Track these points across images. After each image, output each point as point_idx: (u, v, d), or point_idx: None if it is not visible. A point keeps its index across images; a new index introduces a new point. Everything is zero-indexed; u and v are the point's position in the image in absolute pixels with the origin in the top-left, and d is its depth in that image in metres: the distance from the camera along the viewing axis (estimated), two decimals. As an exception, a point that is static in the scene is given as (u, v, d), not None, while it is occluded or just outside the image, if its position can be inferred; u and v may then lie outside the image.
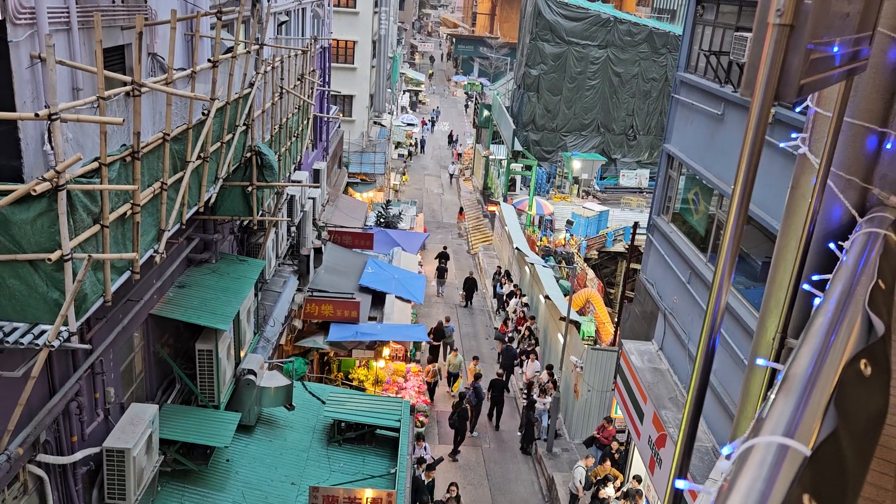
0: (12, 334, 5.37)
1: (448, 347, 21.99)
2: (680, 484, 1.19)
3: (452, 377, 20.12)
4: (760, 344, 2.35)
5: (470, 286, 27.14)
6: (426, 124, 60.21)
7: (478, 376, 19.04)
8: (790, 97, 1.28)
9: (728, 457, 1.02)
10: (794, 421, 1.02)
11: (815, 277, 2.23)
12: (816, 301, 1.96)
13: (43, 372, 6.52)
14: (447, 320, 23.14)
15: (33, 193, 5.11)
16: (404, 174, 44.34)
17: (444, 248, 30.28)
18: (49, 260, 5.23)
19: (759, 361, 2.08)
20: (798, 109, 2.40)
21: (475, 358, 20.79)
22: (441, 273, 28.08)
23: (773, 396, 1.13)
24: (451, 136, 56.48)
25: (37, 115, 5.08)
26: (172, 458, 9.32)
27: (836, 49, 1.63)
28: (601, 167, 40.07)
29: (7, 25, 5.64)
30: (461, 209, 38.73)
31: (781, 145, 2.91)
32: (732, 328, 10.17)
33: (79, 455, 7.12)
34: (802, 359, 1.26)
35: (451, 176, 45.20)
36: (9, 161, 5.90)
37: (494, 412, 19.23)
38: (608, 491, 13.66)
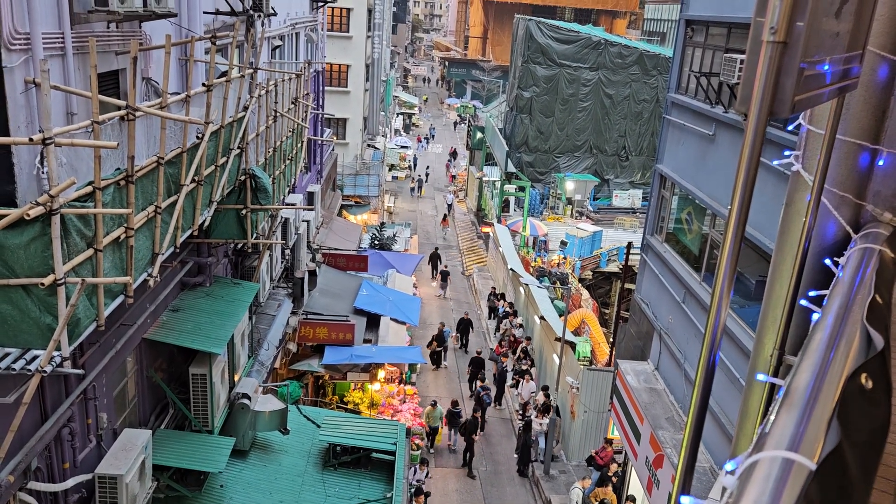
0: (4, 360, 5.33)
1: (446, 353, 23.56)
2: (685, 500, 1.18)
3: (433, 430, 18.50)
4: (758, 361, 2.34)
5: (465, 328, 25.27)
6: (421, 141, 60.81)
7: (485, 387, 20.40)
8: (784, 113, 1.29)
9: (732, 472, 1.01)
10: (797, 435, 1.02)
11: (811, 293, 2.24)
12: (814, 317, 1.96)
13: (35, 398, 6.45)
14: (442, 325, 24.47)
15: (27, 218, 5.09)
16: (422, 190, 47.77)
17: (436, 248, 33.21)
18: (42, 284, 5.20)
19: (760, 377, 2.07)
20: (790, 127, 2.42)
21: (480, 379, 21.60)
22: (444, 277, 30.48)
23: (775, 411, 1.12)
24: (453, 152, 56.81)
25: (31, 139, 5.08)
26: (166, 484, 9.19)
27: (827, 67, 1.64)
28: (594, 188, 40.28)
29: (1, 51, 5.66)
30: (444, 216, 40.63)
31: (775, 163, 2.94)
32: (728, 347, 10.17)
33: (71, 482, 7.02)
34: (803, 374, 1.25)
35: (449, 207, 42.31)
36: (2, 186, 5.88)
37: (467, 455, 18.19)
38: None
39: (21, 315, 5.38)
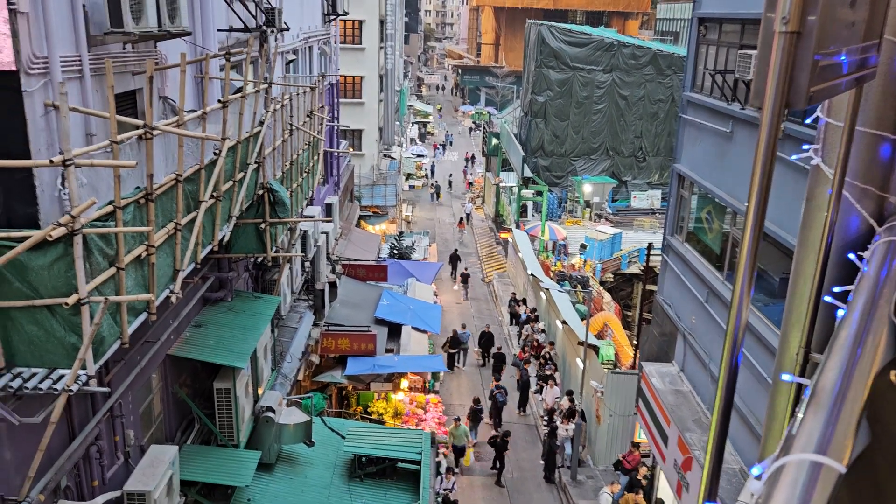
0: (31, 380, 5.39)
1: (464, 354, 23.89)
2: None
3: (458, 450, 17.99)
4: (784, 360, 2.29)
5: (487, 342, 24.51)
6: (438, 148, 61.17)
7: (499, 386, 20.57)
8: (800, 105, 1.26)
9: (758, 477, 0.97)
10: (825, 437, 0.98)
11: (836, 289, 2.19)
12: (840, 313, 1.91)
13: (62, 417, 6.52)
14: (463, 327, 24.67)
15: (49, 239, 5.16)
16: (440, 195, 48.44)
17: (455, 250, 34.46)
18: (66, 304, 5.26)
19: (785, 377, 2.02)
20: (808, 121, 2.38)
21: (494, 379, 21.75)
22: (465, 279, 31.15)
23: (801, 413, 1.09)
24: (470, 157, 57.07)
25: (51, 161, 5.15)
26: (193, 499, 9.24)
27: (843, 57, 1.61)
28: (612, 190, 40.07)
29: (21, 75, 5.76)
30: (461, 219, 41.33)
31: (793, 157, 2.89)
32: (753, 346, 10.03)
33: (100, 500, 7.07)
34: (830, 372, 1.22)
35: (468, 216, 41.93)
36: (25, 208, 5.97)
37: (496, 464, 18.09)
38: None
39: (46, 335, 5.45)
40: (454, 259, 33.62)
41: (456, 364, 23.96)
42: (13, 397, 5.52)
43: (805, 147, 2.28)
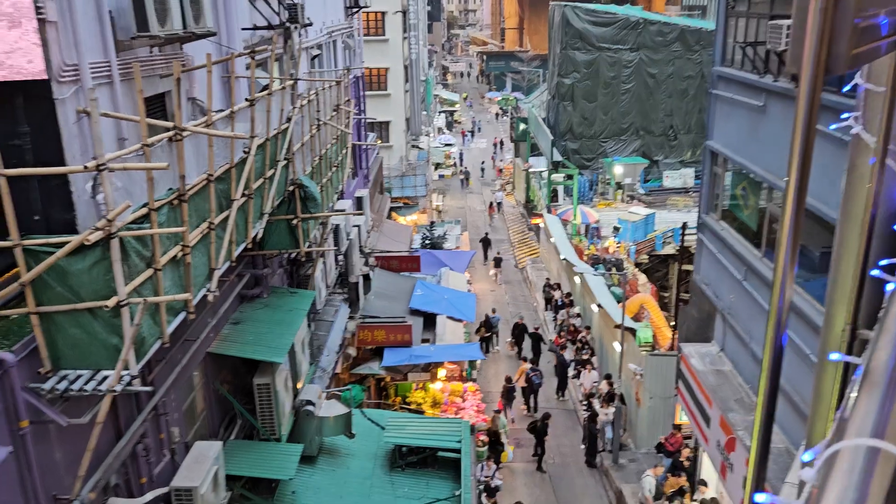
0: (77, 382, 5.51)
1: (496, 337, 24.38)
2: (760, 498, 1.10)
3: (494, 436, 17.38)
4: (829, 338, 2.22)
5: (520, 333, 23.92)
6: (466, 135, 61.23)
7: (535, 368, 20.60)
8: (840, 69, 1.19)
9: (810, 463, 0.92)
10: (882, 419, 0.91)
11: (883, 262, 2.10)
12: (889, 287, 1.84)
13: (109, 416, 6.66)
14: (493, 311, 25.10)
15: (87, 243, 5.25)
16: (469, 181, 48.77)
17: (486, 233, 35.20)
18: (106, 307, 5.36)
19: (834, 356, 1.95)
20: (846, 89, 2.28)
21: (524, 359, 21.74)
22: (498, 263, 31.72)
23: (854, 393, 1.03)
24: (499, 142, 57.01)
25: (85, 167, 5.23)
26: (239, 493, 9.39)
27: (883, 19, 1.54)
28: (644, 170, 39.50)
29: (52, 84, 5.86)
30: (490, 204, 42.07)
31: (832, 127, 2.79)
32: (795, 324, 9.82)
33: (149, 496, 7.22)
34: (883, 350, 1.15)
35: (499, 205, 41.98)
36: (63, 214, 6.10)
37: (537, 450, 18.13)
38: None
39: (89, 338, 5.56)
40: (485, 243, 34.17)
41: (490, 349, 24.19)
42: (60, 399, 5.66)
43: (844, 115, 2.18)
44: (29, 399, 5.34)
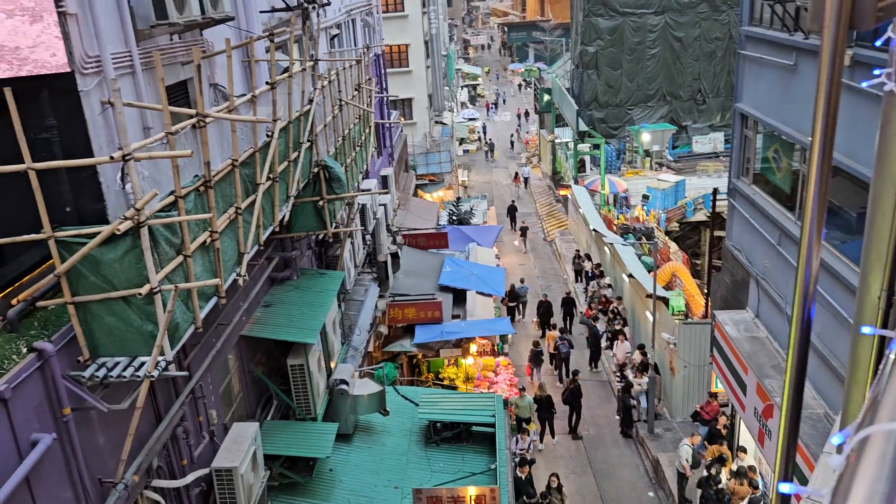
0: (115, 369, 5.63)
1: (523, 307, 24.67)
2: (784, 488, 1.06)
3: (523, 421, 16.90)
4: (865, 305, 2.14)
5: (546, 312, 23.06)
6: (490, 107, 60.99)
7: (563, 337, 20.98)
8: (866, 24, 1.12)
9: (839, 448, 0.86)
10: None
11: (919, 224, 2.02)
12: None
13: (148, 402, 6.81)
14: (521, 281, 25.37)
15: (117, 233, 5.33)
16: (494, 153, 49.18)
17: (513, 201, 36.00)
18: (139, 294, 5.45)
19: (865, 329, 1.88)
20: (879, 42, 2.19)
21: (553, 325, 22.18)
22: (524, 232, 32.40)
23: (887, 370, 0.97)
24: (523, 113, 56.74)
25: (112, 157, 5.29)
26: (278, 472, 9.58)
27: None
28: (672, 136, 38.78)
29: (76, 76, 5.92)
30: (516, 174, 42.88)
31: (864, 84, 2.68)
32: (832, 287, 9.62)
33: (190, 478, 7.40)
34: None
35: (526, 180, 41.81)
36: (93, 204, 6.19)
37: (573, 417, 18.16)
38: (722, 476, 13.11)
39: (125, 325, 5.67)
40: (511, 211, 34.64)
41: (517, 317, 24.46)
42: (101, 386, 5.79)
43: (877, 72, 2.10)
44: (70, 386, 5.47)
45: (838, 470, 0.83)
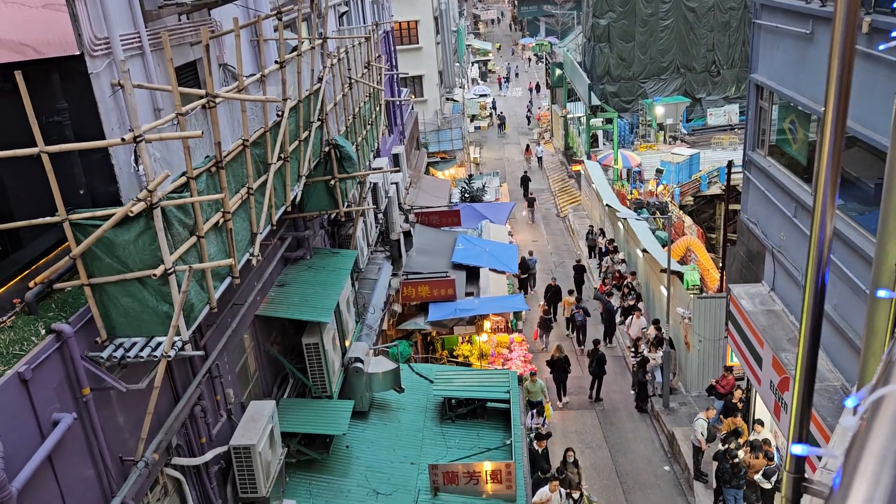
0: (132, 349, 5.70)
1: (532, 279, 25.26)
2: (797, 449, 1.05)
3: (534, 405, 16.38)
4: (882, 272, 2.12)
5: (554, 296, 22.30)
6: (502, 80, 60.96)
7: (579, 305, 21.32)
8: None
9: (854, 410, 0.86)
10: None
11: (938, 191, 1.98)
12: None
13: (165, 381, 6.90)
14: (530, 254, 25.84)
15: (131, 214, 5.36)
16: (506, 126, 49.42)
17: (525, 171, 36.94)
18: (154, 275, 5.49)
19: (881, 293, 1.85)
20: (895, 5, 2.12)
21: (570, 291, 22.45)
22: (531, 203, 33.13)
23: None
24: (534, 86, 56.62)
25: (123, 139, 5.30)
26: (295, 449, 9.70)
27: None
28: (686, 109, 38.32)
29: (86, 58, 5.92)
30: (527, 146, 43.68)
31: (881, 48, 2.62)
32: (849, 258, 9.52)
33: (209, 455, 7.52)
34: (935, 283, 1.08)
35: (539, 160, 41.00)
36: (106, 187, 6.23)
37: (595, 384, 18.55)
38: (739, 452, 13.12)
39: (140, 306, 5.72)
40: (525, 181, 35.09)
41: (528, 290, 24.93)
42: (119, 366, 5.87)
43: (894, 34, 2.03)
44: (89, 367, 5.54)
45: (852, 430, 0.83)
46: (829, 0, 10.29)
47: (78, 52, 5.82)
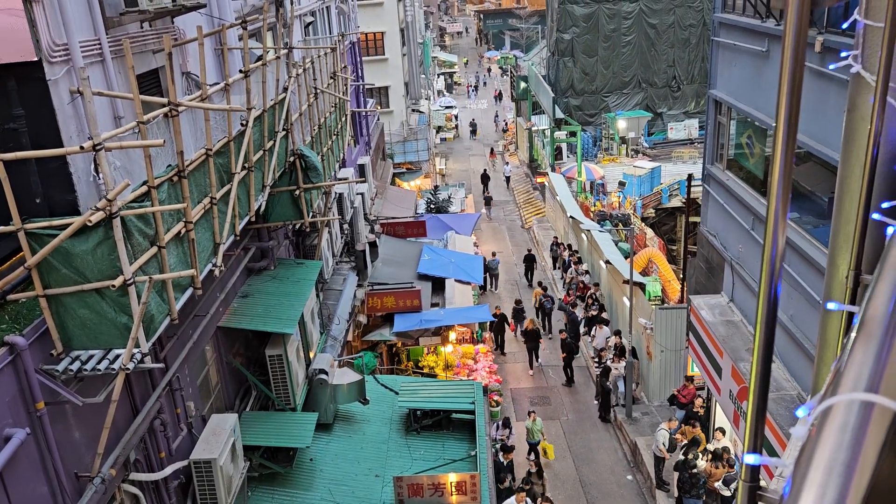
0: (89, 362, 5.56)
1: (495, 280, 26.65)
2: (750, 459, 1.08)
3: (534, 446, 16.24)
4: (833, 284, 2.18)
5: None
6: (470, 88, 62.23)
7: (546, 295, 23.18)
8: (829, 1, 1.14)
9: (805, 419, 0.89)
10: (877, 372, 0.88)
11: (885, 205, 2.06)
12: (890, 230, 1.80)
13: (124, 394, 6.75)
14: (493, 255, 27.16)
15: (89, 224, 5.25)
16: (477, 133, 50.78)
17: (485, 169, 39.19)
18: (113, 286, 5.38)
19: (831, 305, 1.91)
20: (845, 25, 2.20)
21: (540, 283, 25.11)
22: (488, 202, 35.22)
23: (850, 344, 1.00)
24: (498, 94, 57.52)
25: (81, 147, 5.20)
26: (258, 462, 9.55)
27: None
28: (647, 123, 39.05)
29: (44, 64, 5.80)
30: (491, 150, 45.98)
31: (831, 67, 2.72)
32: (805, 271, 9.78)
33: (168, 470, 7.36)
34: (879, 297, 1.12)
35: (507, 179, 40.72)
36: (64, 195, 6.09)
37: (567, 373, 20.24)
38: (700, 462, 13.31)
39: (98, 318, 5.59)
40: (485, 179, 37.42)
41: (489, 288, 26.26)
42: (75, 379, 5.72)
43: (844, 54, 2.11)
44: (43, 380, 5.40)
45: (801, 440, 0.86)
46: (775, 9, 10.61)
47: (36, 59, 5.71)
